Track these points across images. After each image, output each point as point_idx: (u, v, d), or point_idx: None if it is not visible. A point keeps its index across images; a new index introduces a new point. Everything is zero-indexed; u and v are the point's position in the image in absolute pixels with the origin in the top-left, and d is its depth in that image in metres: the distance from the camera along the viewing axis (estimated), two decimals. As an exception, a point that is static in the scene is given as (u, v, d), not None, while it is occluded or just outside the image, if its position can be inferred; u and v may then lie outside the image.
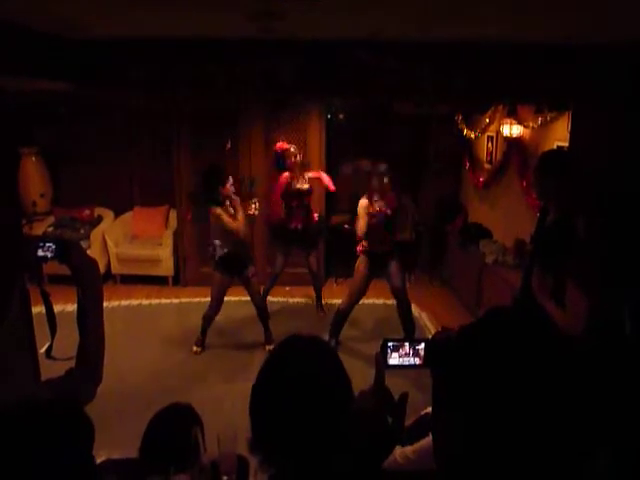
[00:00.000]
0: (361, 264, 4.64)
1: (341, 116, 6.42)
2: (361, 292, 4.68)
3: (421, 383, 3.07)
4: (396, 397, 1.32)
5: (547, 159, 2.86)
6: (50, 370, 1.77)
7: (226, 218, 4.33)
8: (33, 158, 6.45)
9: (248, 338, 4.98)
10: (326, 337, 4.63)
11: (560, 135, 4.20)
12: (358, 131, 6.37)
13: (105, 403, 1.61)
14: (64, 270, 1.63)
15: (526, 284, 2.76)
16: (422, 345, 1.38)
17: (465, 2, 1.90)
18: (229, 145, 6.12)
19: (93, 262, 1.60)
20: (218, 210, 4.34)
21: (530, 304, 2.61)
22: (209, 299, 4.71)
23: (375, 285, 4.85)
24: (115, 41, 2.82)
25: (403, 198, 4.84)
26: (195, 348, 4.74)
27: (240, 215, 4.42)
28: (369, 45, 2.88)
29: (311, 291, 5.82)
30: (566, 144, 3.86)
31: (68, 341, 1.62)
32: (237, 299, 5.63)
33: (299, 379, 1.08)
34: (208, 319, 4.71)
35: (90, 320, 1.50)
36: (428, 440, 1.64)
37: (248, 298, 5.00)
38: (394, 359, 1.38)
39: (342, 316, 4.77)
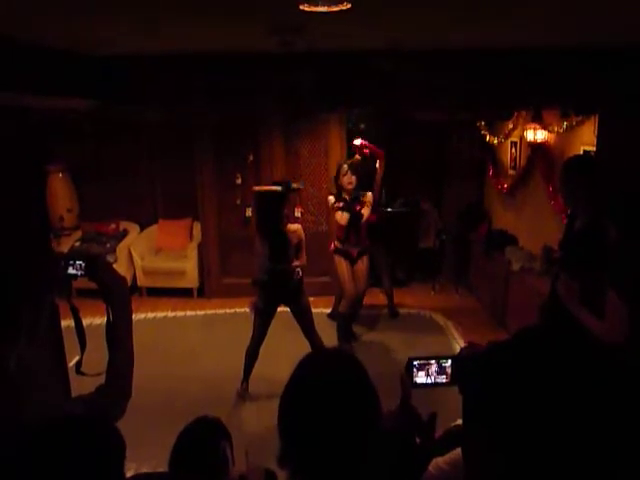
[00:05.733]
0: (338, 264, 4.71)
1: (362, 125, 6.40)
2: (356, 289, 4.68)
3: (448, 398, 3.01)
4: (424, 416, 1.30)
5: (574, 163, 2.81)
6: (80, 385, 1.79)
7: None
8: (60, 175, 6.60)
9: (273, 352, 4.96)
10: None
11: (586, 139, 4.12)
12: (379, 138, 6.35)
13: (134, 416, 1.61)
14: (91, 283, 1.65)
15: (555, 292, 2.71)
16: (449, 362, 1.35)
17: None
18: (251, 157, 6.16)
19: (121, 279, 1.61)
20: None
21: (559, 312, 2.55)
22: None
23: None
24: (134, 57, 2.87)
25: (425, 205, 4.81)
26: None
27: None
28: (388, 55, 2.87)
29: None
30: (593, 148, 3.79)
31: (96, 355, 1.63)
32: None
33: (325, 391, 1.07)
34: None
35: (119, 336, 1.51)
36: (460, 450, 1.61)
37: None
38: (421, 378, 1.36)
39: (346, 319, 4.80)
